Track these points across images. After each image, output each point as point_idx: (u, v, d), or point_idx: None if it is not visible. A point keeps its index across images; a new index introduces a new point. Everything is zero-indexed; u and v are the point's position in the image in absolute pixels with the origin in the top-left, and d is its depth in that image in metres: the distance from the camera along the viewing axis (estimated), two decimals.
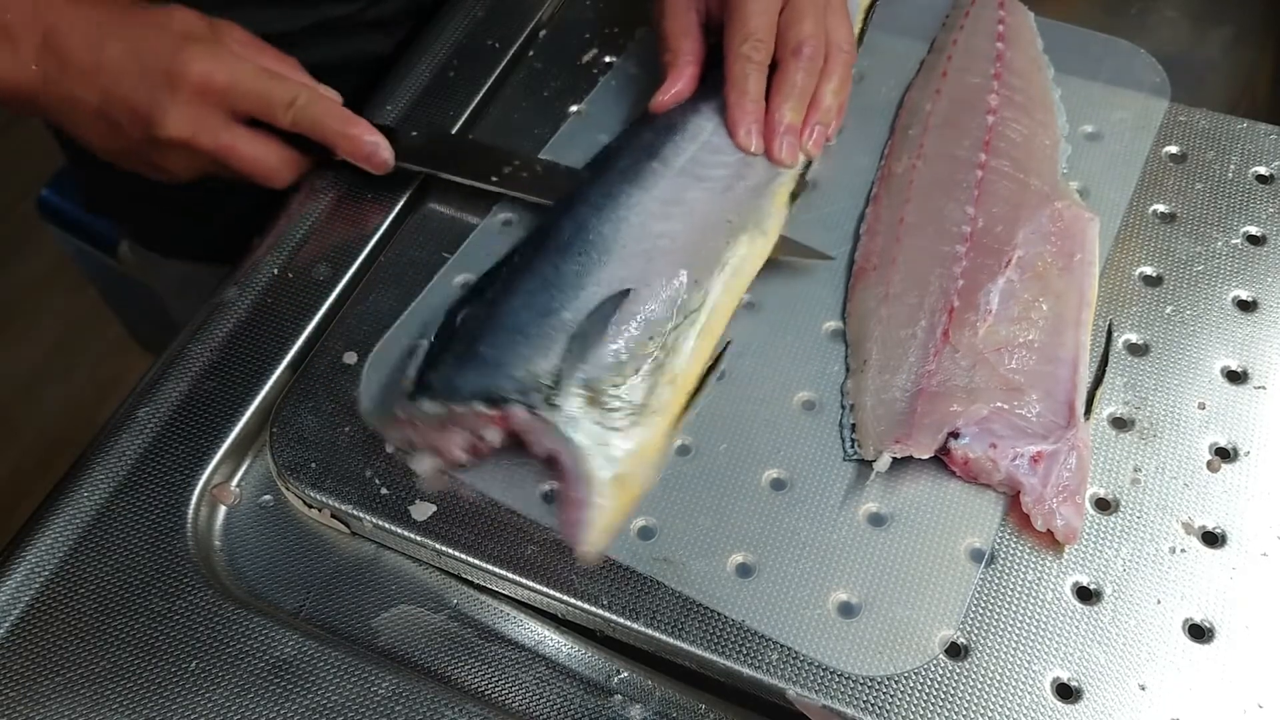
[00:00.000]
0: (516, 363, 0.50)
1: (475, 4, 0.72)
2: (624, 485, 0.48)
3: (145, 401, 0.54)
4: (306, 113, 0.58)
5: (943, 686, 0.45)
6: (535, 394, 0.49)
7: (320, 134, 0.58)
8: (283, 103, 0.57)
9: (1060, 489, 0.48)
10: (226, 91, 0.56)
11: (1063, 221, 0.56)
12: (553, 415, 0.48)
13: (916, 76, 0.67)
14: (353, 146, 0.59)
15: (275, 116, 0.58)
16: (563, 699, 0.47)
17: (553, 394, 0.49)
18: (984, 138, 0.60)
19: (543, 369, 0.49)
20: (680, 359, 0.52)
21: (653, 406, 0.50)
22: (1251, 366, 0.54)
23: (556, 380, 0.49)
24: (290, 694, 0.46)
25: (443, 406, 0.49)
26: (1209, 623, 0.47)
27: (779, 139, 0.60)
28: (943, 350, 0.52)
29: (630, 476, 0.48)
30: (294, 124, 0.58)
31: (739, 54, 0.60)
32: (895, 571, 0.48)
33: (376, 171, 0.60)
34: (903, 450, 0.49)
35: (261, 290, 0.59)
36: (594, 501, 0.47)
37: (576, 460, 0.48)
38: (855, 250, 0.59)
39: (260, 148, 0.58)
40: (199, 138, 0.56)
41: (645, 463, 0.49)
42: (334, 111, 0.59)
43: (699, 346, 0.53)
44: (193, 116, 0.56)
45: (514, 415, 0.49)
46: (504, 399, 0.48)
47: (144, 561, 0.50)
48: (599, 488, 0.47)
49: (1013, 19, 0.67)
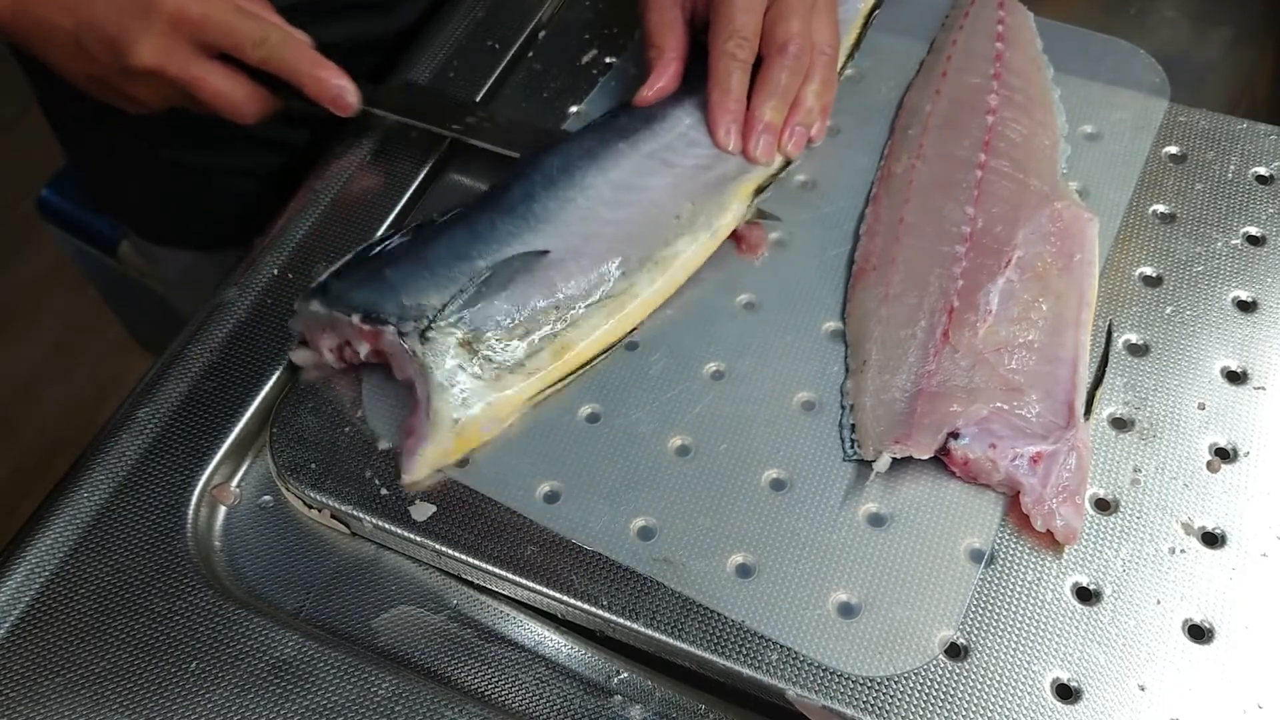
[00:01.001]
0: (410, 291, 0.52)
1: (475, 4, 0.72)
2: (463, 431, 0.50)
3: (145, 401, 0.54)
4: (277, 51, 0.58)
5: (943, 686, 0.45)
6: (411, 323, 0.51)
7: (289, 73, 0.59)
8: (253, 39, 0.58)
9: (1060, 489, 0.48)
10: (199, 24, 0.57)
11: (1062, 222, 0.57)
12: (419, 345, 0.50)
13: (916, 77, 0.67)
14: (320, 88, 0.60)
15: (245, 52, 0.58)
16: (563, 699, 0.47)
17: (429, 328, 0.51)
18: (984, 138, 0.60)
19: (429, 303, 0.51)
20: (578, 334, 0.53)
21: (528, 368, 0.52)
22: (1251, 367, 0.54)
23: (437, 316, 0.51)
24: (290, 694, 0.46)
25: (326, 311, 0.52)
26: (1209, 623, 0.47)
27: (756, 137, 0.60)
28: (942, 350, 0.52)
29: (472, 424, 0.51)
30: (263, 61, 0.58)
31: (723, 51, 0.60)
32: (895, 572, 0.48)
33: (342, 114, 0.61)
34: (902, 450, 0.49)
35: (261, 290, 0.59)
36: (429, 436, 0.50)
37: (429, 394, 0.50)
38: (855, 250, 0.59)
39: (229, 82, 0.59)
40: (168, 68, 0.57)
41: (493, 418, 0.51)
42: (304, 53, 0.59)
43: (606, 329, 0.54)
44: (164, 47, 0.56)
45: (385, 336, 0.51)
46: (381, 319, 0.51)
47: (144, 561, 0.50)
48: (439, 425, 0.50)
49: (1012, 19, 0.67)
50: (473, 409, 0.51)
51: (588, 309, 0.54)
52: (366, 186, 0.63)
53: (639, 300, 0.55)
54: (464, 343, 0.51)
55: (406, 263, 0.53)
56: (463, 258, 0.53)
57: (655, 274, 0.55)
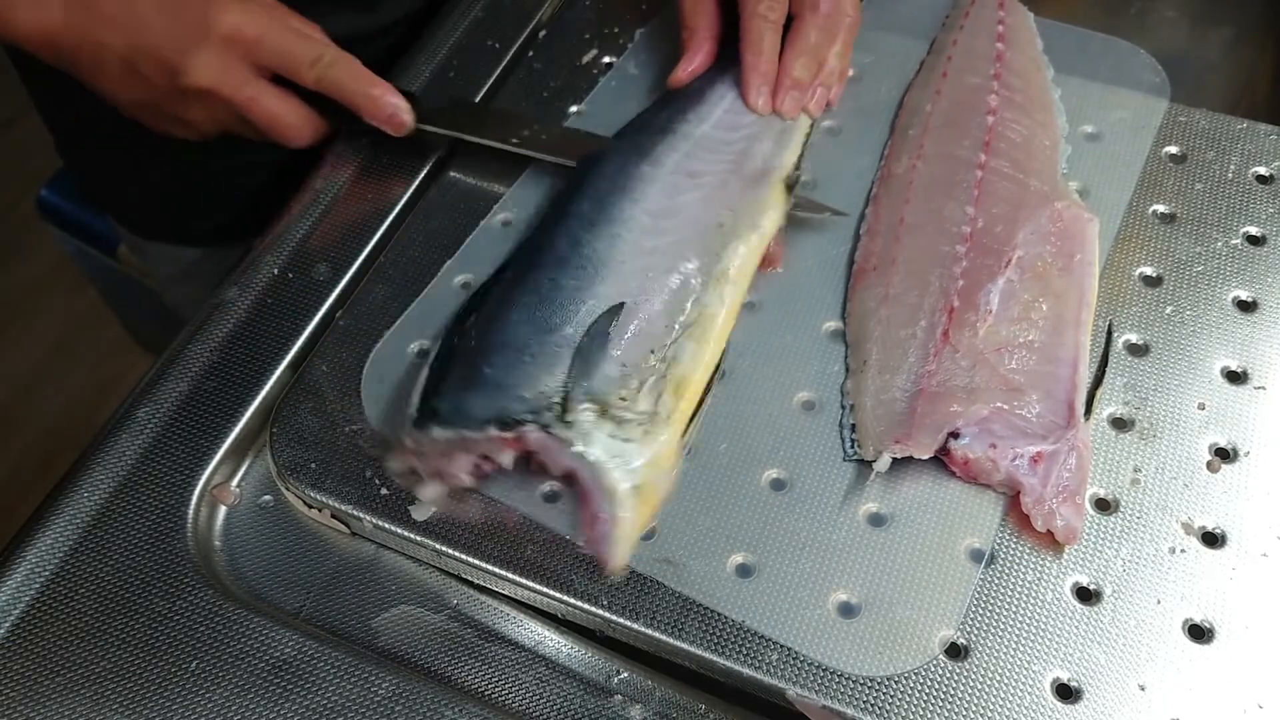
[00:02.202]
0: (524, 383, 0.49)
1: (475, 4, 0.72)
2: (644, 495, 0.48)
3: (145, 401, 0.54)
4: (330, 72, 0.58)
5: (943, 686, 0.45)
6: (547, 413, 0.48)
7: (343, 93, 0.59)
8: (308, 60, 0.58)
9: (1060, 489, 0.48)
10: (254, 45, 0.57)
11: (1062, 222, 0.56)
12: (566, 432, 0.48)
13: (916, 76, 0.67)
14: (375, 107, 0.59)
15: (300, 74, 0.58)
16: (563, 699, 0.47)
17: (563, 411, 0.48)
18: (984, 138, 0.60)
19: (550, 387, 0.49)
20: (681, 368, 0.52)
21: (661, 415, 0.50)
22: (1251, 367, 0.54)
23: (565, 397, 0.49)
24: (290, 694, 0.46)
25: (454, 433, 0.48)
26: (1209, 623, 0.47)
27: (784, 93, 0.62)
28: (943, 350, 0.52)
29: (649, 485, 0.48)
30: (317, 82, 0.58)
31: (756, 13, 0.61)
32: (895, 571, 0.48)
33: (396, 133, 0.61)
34: (903, 450, 0.49)
35: (261, 290, 0.59)
36: (618, 515, 0.47)
37: (595, 475, 0.48)
38: (855, 250, 0.59)
39: (282, 104, 0.59)
40: (223, 88, 0.57)
41: (661, 471, 0.49)
42: (357, 72, 0.59)
43: (700, 353, 0.53)
44: (219, 66, 0.56)
45: (529, 437, 0.48)
46: (517, 421, 0.48)
47: (144, 561, 0.50)
48: (621, 500, 0.47)
49: (1012, 19, 0.67)
50: (641, 471, 0.48)
51: (677, 343, 0.52)
52: (367, 186, 0.63)
53: (718, 318, 0.54)
54: (599, 413, 0.49)
55: (499, 354, 0.50)
56: (547, 330, 0.51)
57: (721, 288, 0.54)
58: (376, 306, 0.58)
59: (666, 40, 0.69)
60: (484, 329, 0.52)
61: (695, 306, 0.53)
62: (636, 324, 0.52)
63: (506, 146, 0.62)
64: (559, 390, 0.49)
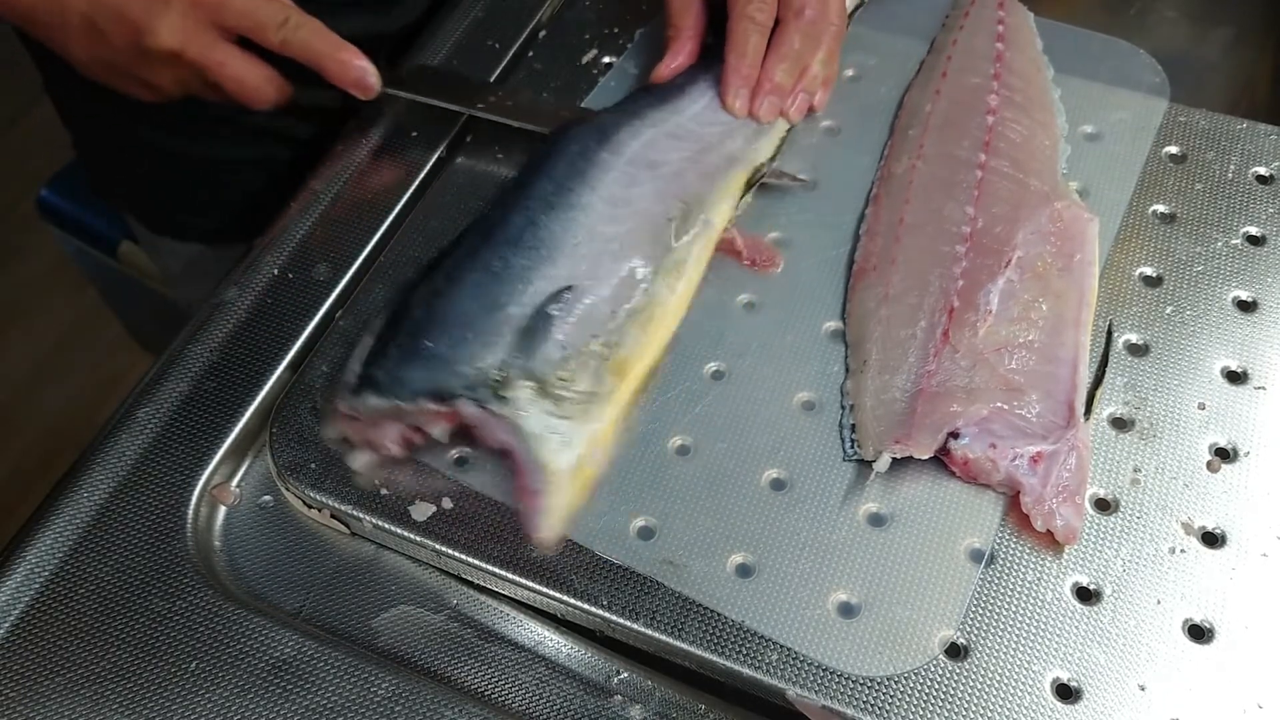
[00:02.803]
0: (464, 358, 0.50)
1: (475, 4, 0.72)
2: (578, 471, 0.49)
3: (145, 401, 0.54)
4: (297, 34, 0.58)
5: (943, 686, 0.45)
6: (483, 388, 0.49)
7: (309, 55, 0.59)
8: (274, 22, 0.57)
9: (1060, 489, 0.48)
10: (220, 7, 0.56)
11: (1062, 222, 0.56)
12: (502, 408, 0.49)
13: (916, 77, 0.67)
14: (342, 70, 0.59)
15: (266, 36, 0.58)
16: (563, 699, 0.47)
17: (500, 387, 0.49)
18: (984, 138, 0.60)
19: (489, 363, 0.50)
20: (624, 351, 0.52)
21: (601, 395, 0.51)
22: (1251, 366, 0.54)
23: (504, 373, 0.50)
24: (290, 694, 0.46)
25: (388, 402, 0.49)
26: (1209, 623, 0.47)
27: (763, 97, 0.62)
28: (942, 350, 0.52)
29: (584, 461, 0.49)
30: (284, 44, 0.58)
31: (743, 14, 0.61)
32: (895, 571, 0.48)
33: (364, 97, 0.60)
34: (903, 451, 0.49)
35: (261, 290, 0.59)
36: (549, 489, 0.48)
37: (530, 449, 0.48)
38: (855, 250, 0.59)
39: (247, 66, 0.58)
40: (188, 50, 0.56)
41: (598, 447, 0.50)
42: (325, 35, 0.59)
43: (645, 339, 0.53)
44: (183, 28, 0.56)
45: (463, 410, 0.49)
46: (453, 394, 0.49)
47: (144, 561, 0.50)
48: (553, 475, 0.48)
49: (1012, 19, 0.67)
50: (578, 447, 0.49)
51: (622, 326, 0.53)
52: (366, 186, 0.63)
53: (666, 306, 0.55)
54: (537, 390, 0.49)
55: (443, 328, 0.51)
56: (494, 307, 0.52)
57: (670, 278, 0.55)
58: (376, 306, 0.58)
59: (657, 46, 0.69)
60: (431, 303, 0.52)
61: (643, 295, 0.54)
62: (582, 307, 0.53)
63: (474, 111, 0.63)
64: (498, 367, 0.50)
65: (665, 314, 0.55)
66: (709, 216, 0.58)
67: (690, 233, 0.57)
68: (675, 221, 0.57)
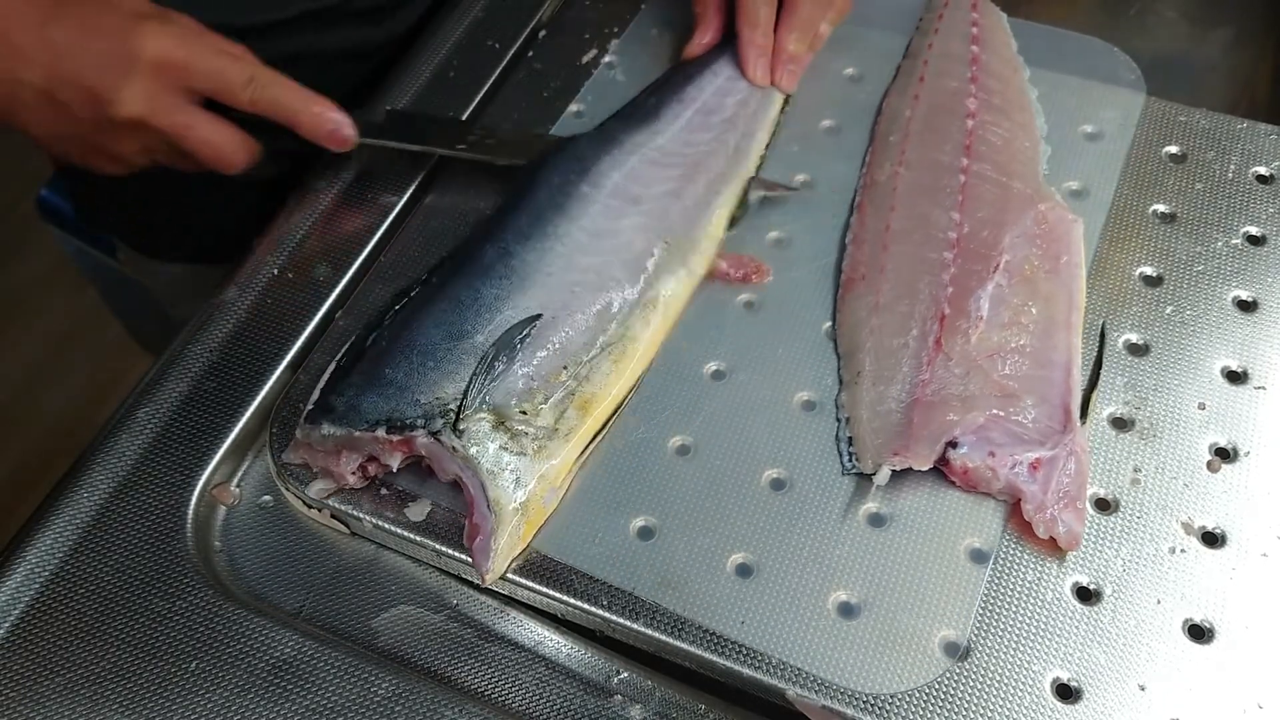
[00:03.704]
0: (423, 387, 0.49)
1: (475, 4, 0.72)
2: (528, 511, 0.48)
3: (145, 401, 0.54)
4: (266, 91, 0.56)
5: (943, 686, 0.45)
6: (439, 419, 0.48)
7: (281, 112, 0.57)
8: (241, 81, 0.56)
9: (1061, 495, 0.48)
10: (183, 69, 0.54)
11: (1047, 224, 0.56)
12: (456, 440, 0.48)
13: (894, 82, 0.67)
14: (315, 124, 0.58)
15: (234, 96, 0.56)
16: (563, 699, 0.47)
17: (457, 419, 0.48)
18: (965, 142, 0.60)
19: (449, 393, 0.49)
20: (593, 386, 0.51)
21: (562, 431, 0.50)
22: (1251, 366, 0.54)
23: (461, 404, 0.48)
24: (290, 694, 0.46)
25: (343, 431, 0.48)
26: (1209, 623, 0.47)
27: (783, 68, 0.64)
28: (936, 359, 0.52)
29: (534, 501, 0.48)
30: (253, 103, 0.56)
31: None
32: (896, 572, 0.48)
33: (339, 149, 0.59)
34: (901, 463, 0.49)
35: (261, 290, 0.59)
36: (499, 528, 0.47)
37: (482, 486, 0.47)
38: (842, 260, 0.58)
39: (216, 129, 0.56)
40: (155, 117, 0.54)
41: (550, 488, 0.49)
42: (293, 90, 0.57)
43: (615, 374, 0.52)
44: (148, 94, 0.54)
45: (417, 441, 0.48)
46: (407, 424, 0.48)
47: (144, 561, 0.50)
48: (503, 514, 0.47)
49: (986, 20, 0.67)
50: (529, 485, 0.48)
51: (593, 361, 0.52)
52: (367, 186, 0.63)
53: (640, 342, 0.54)
54: (496, 424, 0.48)
55: (404, 357, 0.50)
56: (458, 336, 0.51)
57: (647, 314, 0.54)
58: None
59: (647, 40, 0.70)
60: (395, 332, 0.51)
61: (619, 328, 0.53)
62: (555, 337, 0.51)
63: (452, 153, 0.62)
64: (456, 397, 0.49)
65: (637, 350, 0.53)
66: (689, 262, 0.57)
67: (670, 274, 0.56)
68: (657, 259, 0.56)
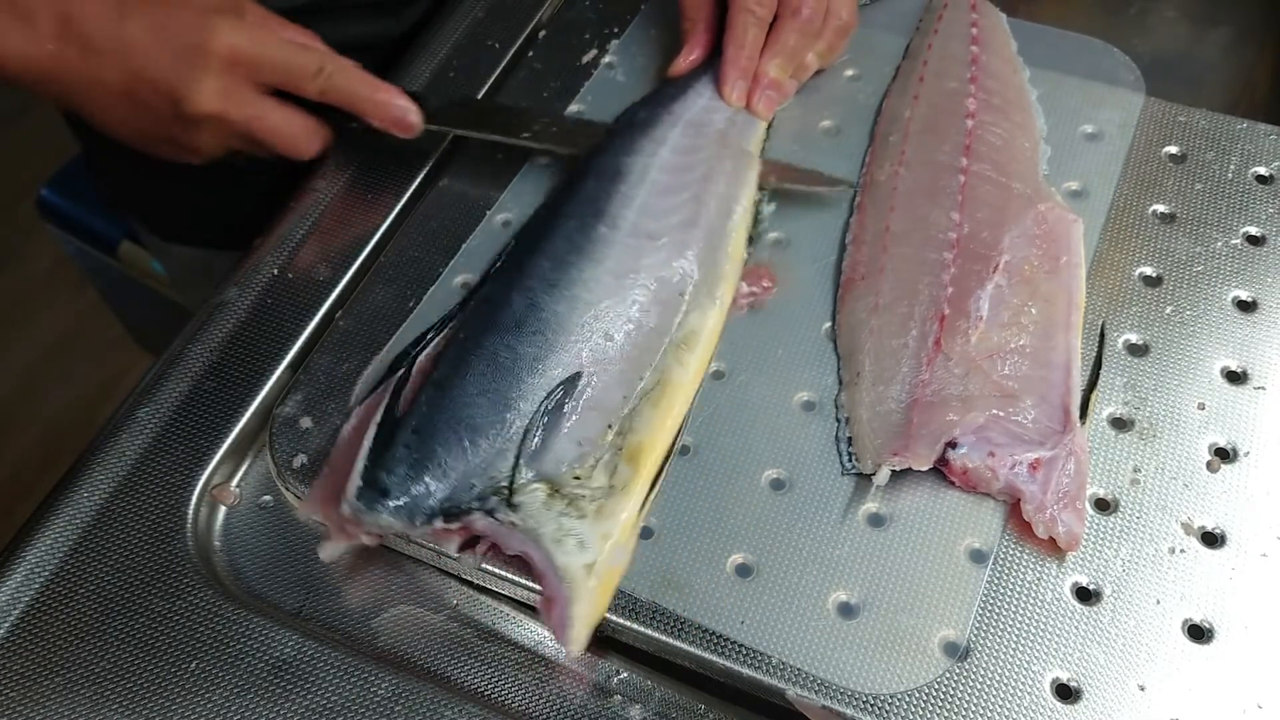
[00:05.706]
0: (476, 468, 0.47)
1: (475, 4, 0.72)
2: (600, 574, 0.46)
3: (145, 401, 0.54)
4: (334, 81, 0.58)
5: (942, 687, 0.45)
6: (494, 498, 0.47)
7: (349, 101, 0.59)
8: (310, 72, 0.57)
9: (1061, 495, 0.48)
10: (254, 63, 0.56)
11: (1047, 224, 0.56)
12: (512, 515, 0.47)
13: (894, 82, 0.67)
14: (383, 112, 0.59)
15: (303, 86, 0.58)
16: (563, 699, 0.47)
17: (511, 494, 0.47)
18: (964, 142, 0.60)
19: (501, 470, 0.48)
20: (638, 437, 0.50)
21: (617, 488, 0.48)
22: (1251, 366, 0.54)
23: (513, 478, 0.47)
24: (290, 694, 0.46)
25: (402, 522, 0.46)
26: (1208, 623, 0.47)
27: (760, 92, 0.63)
28: (935, 359, 0.52)
29: (604, 564, 0.46)
30: (322, 93, 0.58)
31: (743, 7, 0.63)
32: (896, 571, 0.48)
33: (406, 135, 0.61)
34: (901, 463, 0.49)
35: (261, 290, 0.59)
36: (574, 596, 0.45)
37: (546, 557, 0.46)
38: (842, 260, 0.58)
39: (288, 118, 0.58)
40: (229, 110, 0.56)
41: (618, 545, 0.47)
42: (361, 78, 0.59)
43: (659, 420, 0.51)
44: (222, 89, 0.56)
45: (476, 524, 0.47)
46: (463, 511, 0.47)
47: (144, 561, 0.50)
48: (573, 580, 0.45)
49: (985, 21, 0.67)
50: (595, 547, 0.46)
51: (635, 410, 0.51)
52: (367, 186, 0.63)
53: (679, 383, 0.52)
54: (551, 493, 0.47)
55: (452, 432, 0.48)
56: (503, 405, 0.49)
57: (681, 354, 0.53)
58: (376, 307, 0.58)
59: (647, 40, 0.70)
60: (436, 397, 0.50)
61: (654, 373, 0.52)
62: (592, 394, 0.51)
63: (517, 141, 0.62)
64: (507, 475, 0.47)
65: (677, 391, 0.52)
66: (718, 295, 0.55)
67: (699, 309, 0.55)
68: (686, 296, 0.55)
